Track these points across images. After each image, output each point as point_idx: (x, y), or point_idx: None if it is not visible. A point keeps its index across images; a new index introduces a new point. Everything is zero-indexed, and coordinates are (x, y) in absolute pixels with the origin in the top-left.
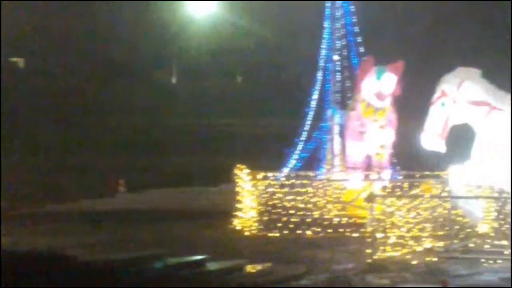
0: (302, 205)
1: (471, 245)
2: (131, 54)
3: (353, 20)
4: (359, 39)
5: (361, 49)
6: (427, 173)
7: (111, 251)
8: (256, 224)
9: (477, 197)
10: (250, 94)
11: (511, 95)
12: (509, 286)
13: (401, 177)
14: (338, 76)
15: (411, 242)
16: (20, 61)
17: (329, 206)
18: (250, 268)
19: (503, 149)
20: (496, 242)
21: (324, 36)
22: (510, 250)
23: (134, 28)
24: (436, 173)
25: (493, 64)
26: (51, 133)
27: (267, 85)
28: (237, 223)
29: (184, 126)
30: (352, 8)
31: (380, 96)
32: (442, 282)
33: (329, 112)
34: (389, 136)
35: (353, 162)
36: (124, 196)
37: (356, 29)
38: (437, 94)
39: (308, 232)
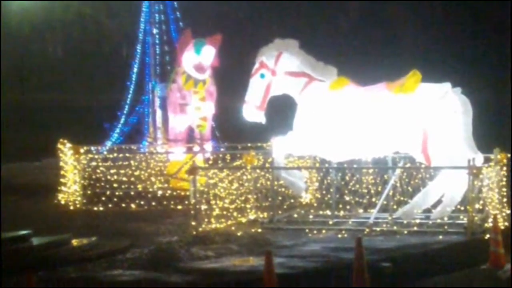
0: (125, 179)
1: (295, 215)
2: None
3: None
4: (177, 13)
5: (180, 23)
6: (250, 144)
7: None
8: (80, 198)
9: (299, 168)
10: (72, 68)
11: None
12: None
13: (223, 149)
14: (158, 49)
15: (235, 214)
16: None
17: (153, 179)
18: (75, 242)
19: (323, 119)
20: (320, 212)
21: (143, 9)
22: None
23: None
24: (259, 144)
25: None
26: None
27: (88, 59)
28: (61, 198)
29: (7, 101)
30: None
31: (199, 69)
32: (266, 252)
33: (150, 85)
34: (209, 108)
35: (175, 135)
36: None
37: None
38: (256, 65)
39: (132, 206)
